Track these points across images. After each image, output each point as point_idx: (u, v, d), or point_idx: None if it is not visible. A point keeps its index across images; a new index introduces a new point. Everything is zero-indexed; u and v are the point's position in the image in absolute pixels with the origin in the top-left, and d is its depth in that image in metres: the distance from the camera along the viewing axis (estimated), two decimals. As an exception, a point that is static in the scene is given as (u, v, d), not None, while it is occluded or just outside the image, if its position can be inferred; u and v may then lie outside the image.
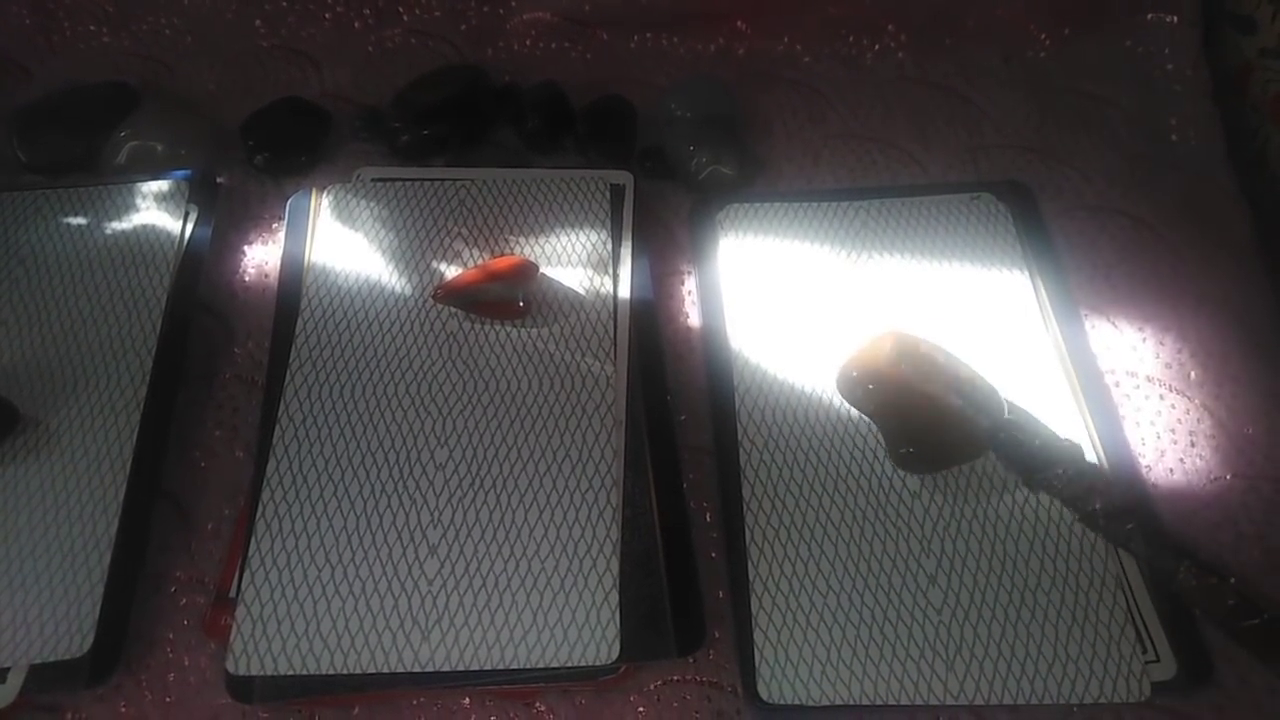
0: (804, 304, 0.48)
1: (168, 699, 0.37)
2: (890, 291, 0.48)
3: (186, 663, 0.38)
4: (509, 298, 0.45)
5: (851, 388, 0.43)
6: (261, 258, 0.50)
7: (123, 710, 0.37)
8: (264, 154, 0.54)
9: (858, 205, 0.52)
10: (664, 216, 0.52)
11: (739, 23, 0.59)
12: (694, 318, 0.48)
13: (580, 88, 0.55)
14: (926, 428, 0.41)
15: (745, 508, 0.42)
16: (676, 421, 0.44)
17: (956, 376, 0.42)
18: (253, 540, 0.40)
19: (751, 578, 0.40)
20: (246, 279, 0.49)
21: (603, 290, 0.47)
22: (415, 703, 0.37)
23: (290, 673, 0.37)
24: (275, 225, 0.51)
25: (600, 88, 0.57)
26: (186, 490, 0.42)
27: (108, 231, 0.49)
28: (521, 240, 0.49)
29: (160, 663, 0.38)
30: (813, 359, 0.45)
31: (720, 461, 0.43)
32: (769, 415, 0.44)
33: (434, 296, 0.46)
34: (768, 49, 0.60)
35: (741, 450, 0.43)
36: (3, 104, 0.57)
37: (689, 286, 0.49)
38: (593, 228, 0.50)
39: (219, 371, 0.46)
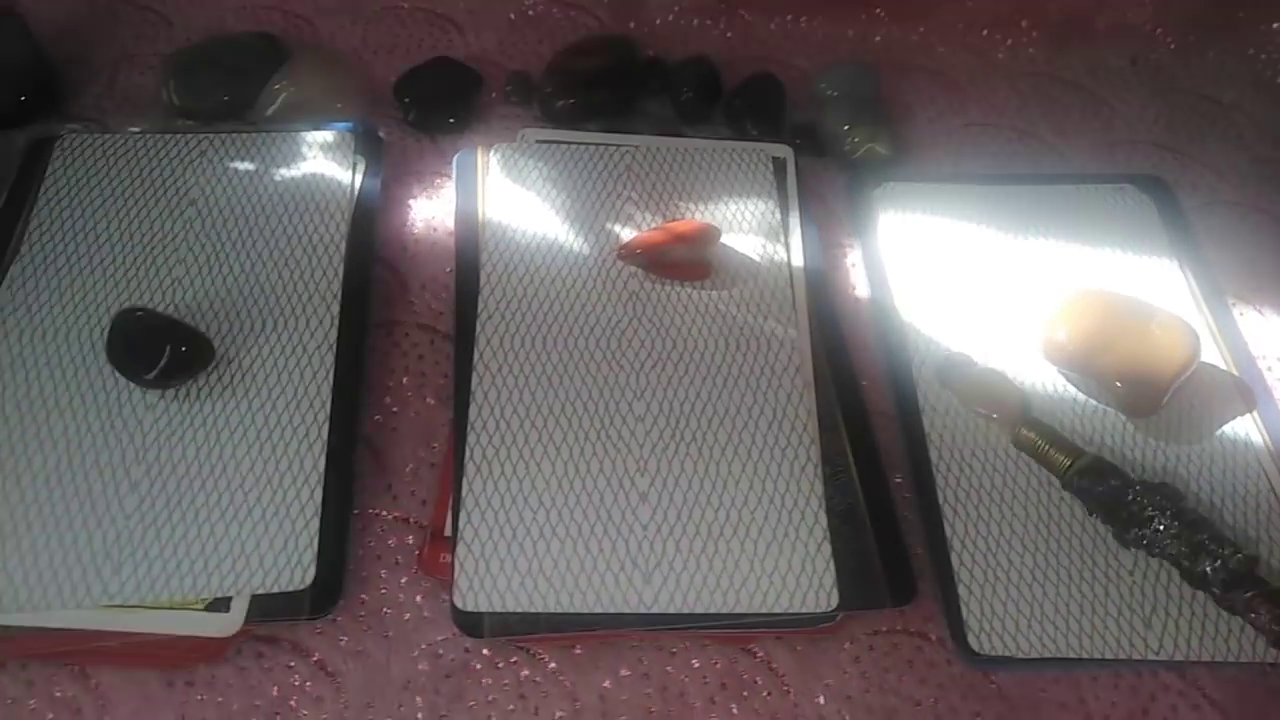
0: (967, 280, 0.50)
1: (387, 634, 0.38)
2: (1047, 272, 0.50)
3: (402, 598, 0.39)
4: (693, 259, 0.47)
5: (1058, 347, 0.45)
6: (429, 212, 0.51)
7: (343, 643, 0.38)
8: (418, 110, 0.55)
9: (1008, 190, 0.54)
10: (817, 190, 0.54)
11: (877, 10, 0.62)
12: (860, 289, 0.50)
13: (720, 65, 0.57)
14: (1138, 360, 0.43)
15: (934, 470, 0.44)
16: (861, 385, 0.46)
17: (1151, 309, 0.44)
18: (464, 482, 0.41)
19: (949, 535, 0.42)
20: (416, 231, 0.50)
21: (777, 257, 0.49)
22: (634, 644, 0.39)
23: (517, 610, 0.38)
24: (439, 180, 0.52)
25: (740, 66, 0.59)
26: (380, 433, 0.43)
27: (277, 178, 0.50)
28: (690, 206, 0.51)
29: (375, 598, 0.39)
30: (985, 330, 0.48)
31: (904, 426, 0.45)
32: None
33: (619, 255, 0.47)
34: (904, 37, 0.62)
35: (924, 416, 0.45)
36: (147, 50, 0.57)
37: (851, 259, 0.51)
38: (759, 197, 0.52)
39: (398, 320, 0.47)
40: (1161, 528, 0.38)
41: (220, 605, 0.38)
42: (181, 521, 0.39)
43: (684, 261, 0.47)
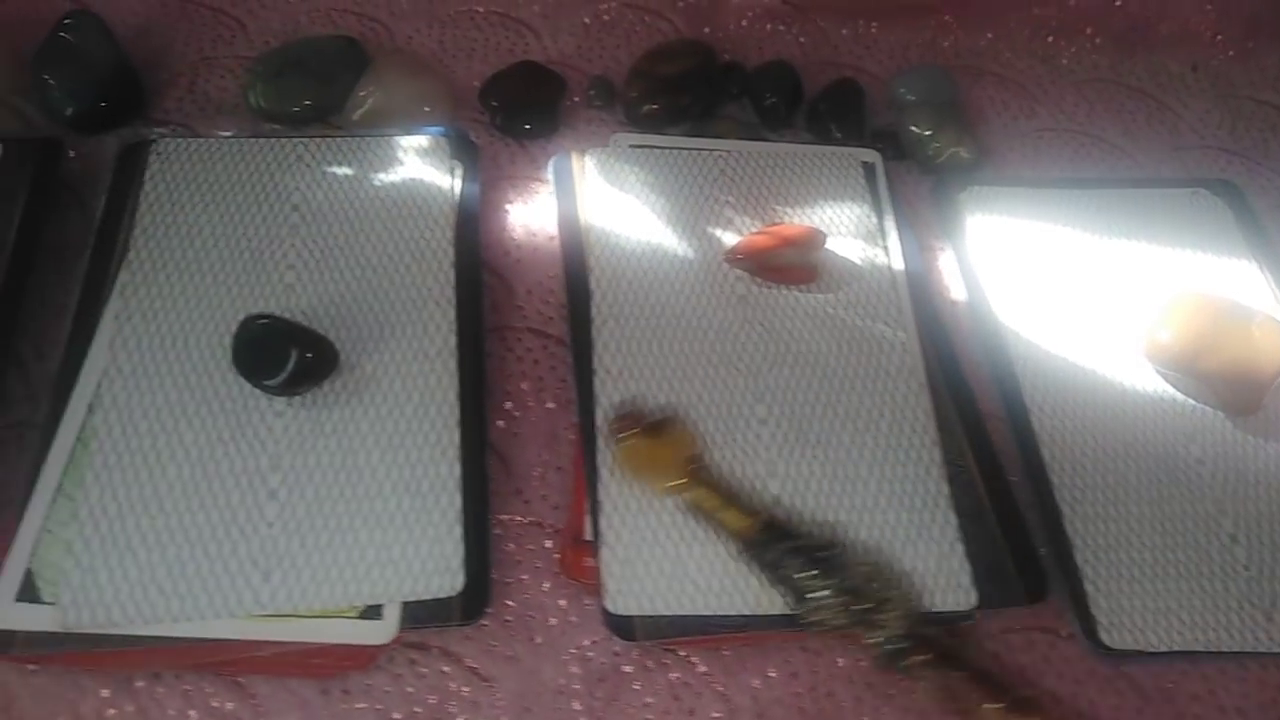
0: (1059, 282, 0.51)
1: (535, 638, 0.39)
2: (1134, 275, 0.52)
3: (546, 603, 0.40)
4: (801, 263, 0.48)
5: (1163, 349, 0.46)
6: (527, 216, 0.51)
7: (493, 648, 0.38)
8: (505, 115, 0.55)
9: (1088, 194, 0.56)
10: (902, 194, 0.55)
11: (946, 16, 0.63)
12: (955, 291, 0.51)
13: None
14: (1239, 361, 0.44)
15: (1048, 469, 0.45)
16: (971, 386, 0.47)
17: (1250, 311, 0.46)
18: (599, 486, 0.41)
19: (1070, 533, 0.43)
20: (517, 236, 0.51)
21: (878, 260, 0.50)
22: (778, 645, 0.39)
23: (667, 612, 0.39)
24: (533, 185, 0.53)
25: (813, 71, 0.60)
26: (504, 439, 0.44)
27: (377, 183, 0.50)
28: (787, 210, 0.52)
29: (521, 602, 0.40)
30: (1082, 332, 0.49)
31: (1014, 426, 0.46)
32: (1054, 384, 0.48)
33: (727, 259, 0.48)
34: (972, 43, 0.63)
35: (1033, 416, 0.47)
36: (224, 53, 0.57)
37: (942, 261, 0.53)
38: (854, 201, 0.53)
39: (510, 325, 0.47)
40: (820, 597, 0.33)
41: (372, 613, 0.38)
42: (325, 529, 0.39)
43: (791, 265, 0.48)
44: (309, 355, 0.42)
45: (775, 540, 0.35)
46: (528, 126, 0.55)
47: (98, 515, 0.38)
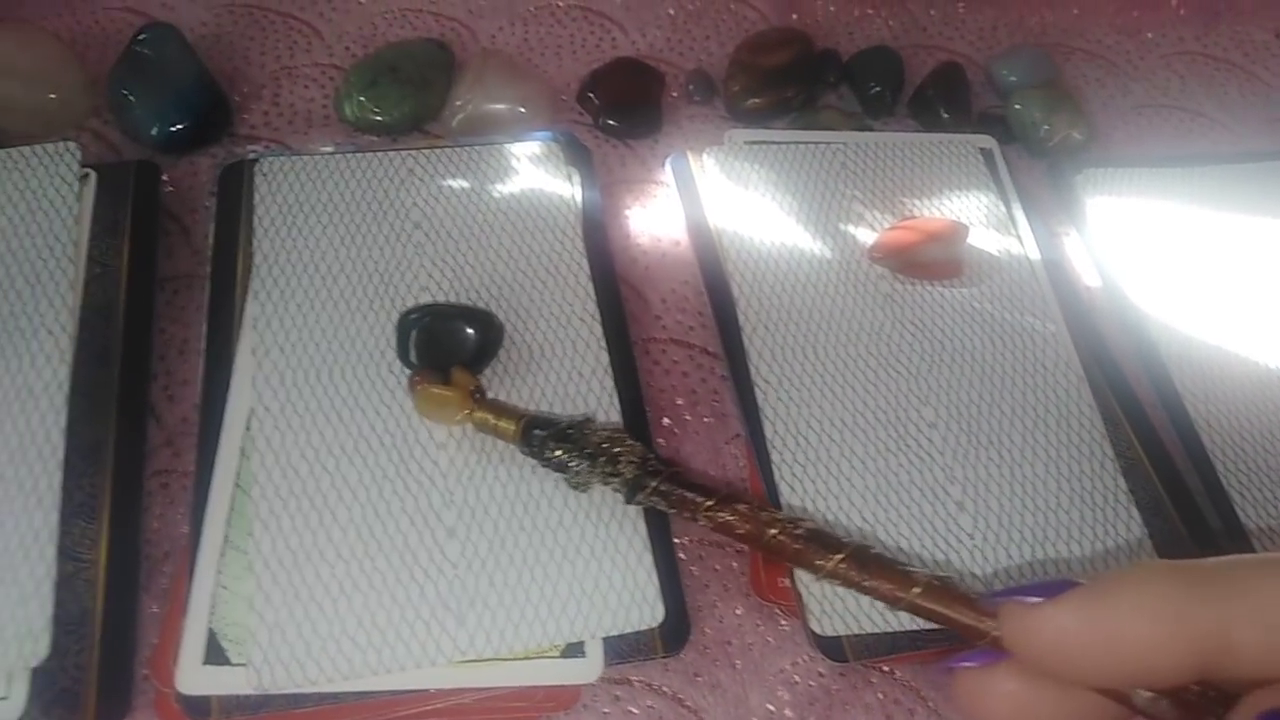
0: (1193, 264, 0.51)
1: (736, 663, 0.38)
2: (1270, 254, 0.52)
3: (741, 625, 0.39)
4: (945, 258, 0.47)
5: None
6: (648, 221, 0.50)
7: (696, 678, 0.37)
8: (608, 114, 0.54)
9: (1204, 171, 0.55)
10: (1016, 179, 0.54)
11: (1034, -7, 0.62)
12: (1088, 277, 0.51)
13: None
14: None
15: (1211, 456, 0.45)
16: (1126, 375, 0.47)
17: None
18: (782, 501, 0.40)
19: (1244, 521, 0.43)
20: (643, 243, 0.49)
21: (1014, 250, 0.50)
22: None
23: (873, 630, 0.38)
24: (650, 188, 0.51)
25: (905, 55, 0.59)
26: (667, 454, 0.42)
27: (496, 195, 0.48)
28: (915, 202, 0.51)
29: (715, 628, 0.39)
30: (1225, 313, 0.49)
31: (1170, 414, 0.46)
32: (1204, 367, 0.47)
33: (870, 257, 0.47)
34: (1058, 20, 0.63)
35: (1187, 402, 0.46)
36: (303, 61, 0.54)
37: (1070, 247, 0.52)
38: (979, 190, 0.52)
39: (653, 337, 0.46)
40: (574, 466, 0.37)
41: (575, 651, 0.36)
42: (511, 565, 0.38)
43: (936, 260, 0.47)
44: (484, 332, 0.41)
45: (536, 433, 0.38)
46: (638, 124, 0.54)
47: (273, 568, 0.37)
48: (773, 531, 0.34)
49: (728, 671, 0.38)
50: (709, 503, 0.35)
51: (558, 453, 0.38)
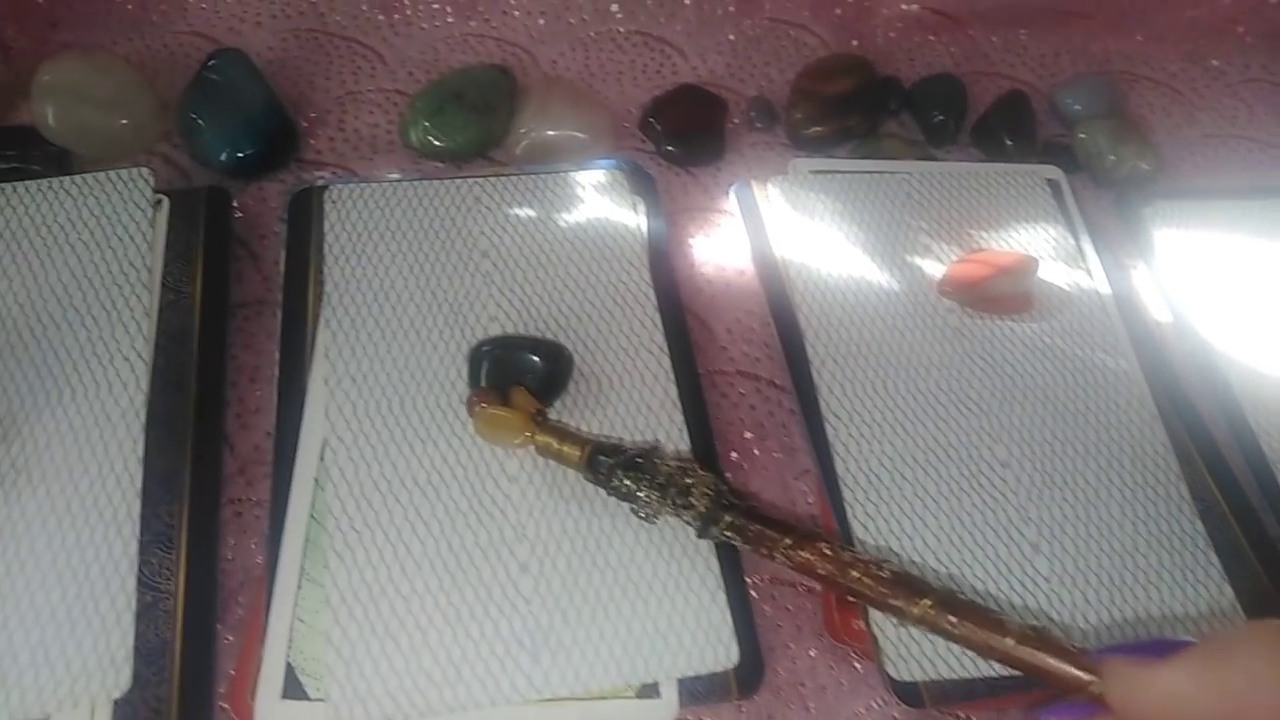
0: (1265, 299, 0.50)
1: (809, 705, 0.38)
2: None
3: (817, 667, 0.38)
4: (1016, 293, 0.47)
5: None
6: (712, 250, 0.50)
7: (771, 719, 0.37)
8: (671, 142, 0.54)
9: (1273, 204, 0.55)
10: (1082, 210, 0.54)
11: (1096, 20, 0.62)
12: (1157, 312, 0.50)
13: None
14: None
15: (1290, 498, 0.44)
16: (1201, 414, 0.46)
17: None
18: (856, 542, 0.40)
19: (1327, 566, 0.42)
20: (707, 273, 0.49)
21: (1084, 285, 0.49)
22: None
23: (950, 676, 0.38)
24: (713, 216, 0.51)
25: (967, 82, 0.58)
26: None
27: (562, 224, 0.48)
28: (982, 234, 0.50)
29: (788, 669, 0.38)
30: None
31: (1246, 454, 0.45)
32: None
33: (940, 291, 0.47)
34: (1122, 47, 0.62)
35: (1262, 441, 0.46)
36: (367, 86, 0.55)
37: (1136, 281, 0.51)
38: (1047, 222, 0.51)
39: (719, 369, 0.46)
40: (643, 496, 0.37)
41: (650, 691, 0.36)
42: (585, 603, 0.38)
43: (1007, 295, 0.47)
44: (554, 363, 0.42)
45: (602, 459, 0.38)
46: (701, 152, 0.54)
47: (349, 602, 0.37)
48: (855, 573, 0.34)
49: (801, 715, 0.38)
50: (787, 540, 0.35)
51: (626, 481, 0.37)
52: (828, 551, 0.35)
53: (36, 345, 0.41)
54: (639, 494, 0.37)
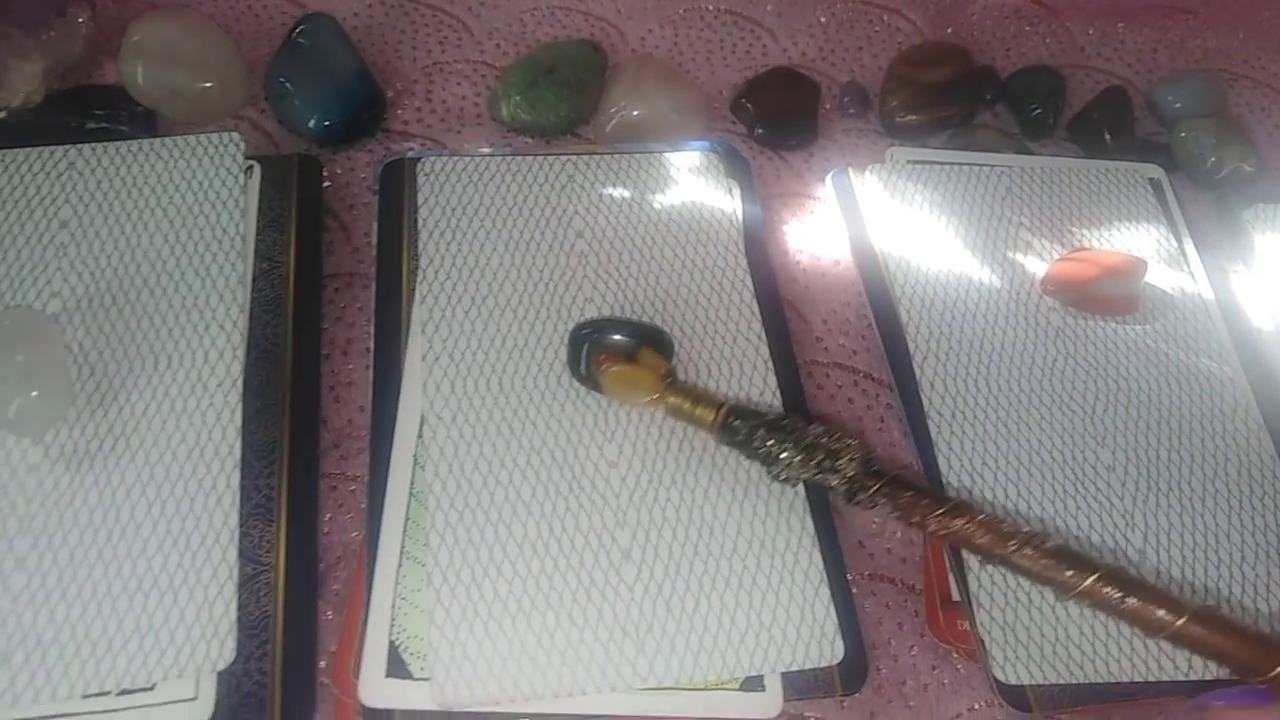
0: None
1: (911, 704, 0.38)
2: None
3: (917, 667, 0.38)
4: (1123, 294, 0.46)
5: None
6: (806, 238, 0.50)
7: (873, 717, 0.37)
8: (763, 125, 0.53)
9: (1379, 210, 0.54)
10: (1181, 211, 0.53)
11: (1196, 15, 0.61)
12: (1258, 317, 0.50)
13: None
14: None
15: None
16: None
17: None
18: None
19: None
20: (802, 261, 0.49)
21: (1188, 288, 0.49)
22: (1162, 709, 0.38)
23: (1058, 681, 0.37)
24: (807, 203, 0.51)
25: (1063, 74, 0.58)
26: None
27: (657, 205, 0.48)
28: (1083, 231, 0.50)
29: (890, 668, 0.38)
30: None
31: (1352, 468, 0.45)
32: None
33: (1043, 289, 0.46)
34: (1223, 44, 0.62)
35: (1370, 455, 0.45)
36: (453, 58, 0.55)
37: (1237, 285, 0.51)
38: (1149, 222, 0.51)
39: (815, 360, 0.46)
40: (786, 458, 0.38)
41: (754, 684, 0.36)
42: (688, 592, 0.38)
43: (1112, 296, 0.46)
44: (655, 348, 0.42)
45: (742, 422, 0.38)
46: (787, 138, 0.53)
47: (451, 582, 0.37)
48: (1013, 544, 0.34)
49: (904, 713, 0.38)
50: (940, 510, 0.35)
51: (770, 443, 0.37)
52: (985, 520, 0.35)
53: (131, 309, 0.41)
54: (781, 455, 0.37)
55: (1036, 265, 0.48)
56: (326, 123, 0.50)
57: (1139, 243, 0.50)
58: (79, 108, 0.49)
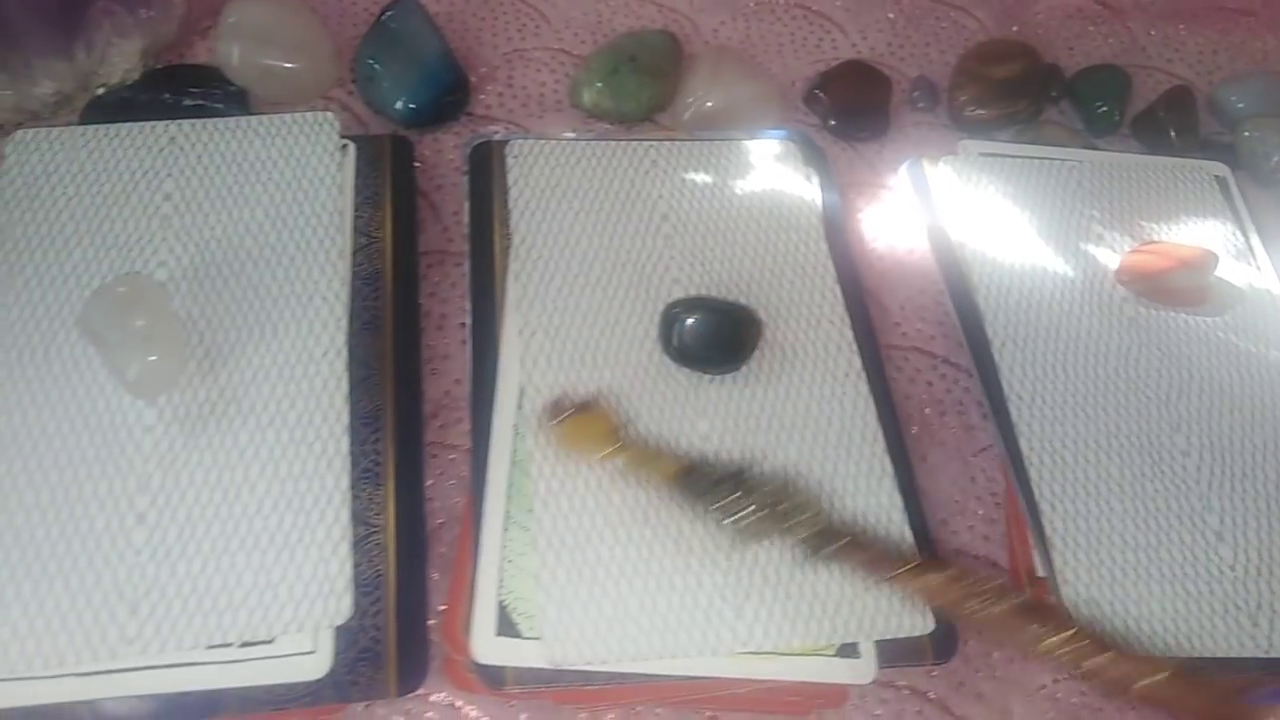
0: None
1: (998, 674, 0.39)
2: None
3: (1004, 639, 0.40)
4: (1195, 286, 0.48)
5: None
6: (882, 226, 0.51)
7: (960, 685, 0.39)
8: (836, 116, 0.55)
9: None
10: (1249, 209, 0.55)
11: (1257, 17, 0.62)
12: (1324, 315, 0.51)
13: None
14: None
15: None
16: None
17: None
18: (1044, 521, 0.41)
19: None
20: (879, 249, 0.50)
21: (1256, 282, 0.50)
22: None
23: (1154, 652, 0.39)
24: (881, 192, 0.53)
25: (1126, 73, 0.59)
26: (917, 466, 0.43)
27: (739, 191, 0.49)
28: (1153, 226, 0.52)
29: (978, 638, 0.40)
30: None
31: None
32: None
33: (1119, 280, 0.48)
34: (1282, 47, 0.63)
35: None
36: (532, 45, 0.56)
37: (1300, 284, 0.52)
38: (1216, 218, 0.53)
39: (894, 345, 0.47)
40: (748, 513, 0.37)
41: (849, 651, 0.38)
42: (785, 563, 0.39)
43: (1184, 288, 0.48)
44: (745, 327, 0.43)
45: (699, 478, 0.38)
46: (860, 129, 0.55)
47: (556, 546, 0.38)
48: (983, 600, 0.35)
49: (991, 683, 0.39)
50: (904, 568, 0.36)
51: (727, 500, 0.37)
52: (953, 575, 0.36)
53: (235, 280, 0.43)
54: (740, 513, 0.37)
55: (1108, 257, 0.49)
56: (413, 105, 0.51)
57: (1207, 237, 0.51)
58: (175, 85, 0.50)
